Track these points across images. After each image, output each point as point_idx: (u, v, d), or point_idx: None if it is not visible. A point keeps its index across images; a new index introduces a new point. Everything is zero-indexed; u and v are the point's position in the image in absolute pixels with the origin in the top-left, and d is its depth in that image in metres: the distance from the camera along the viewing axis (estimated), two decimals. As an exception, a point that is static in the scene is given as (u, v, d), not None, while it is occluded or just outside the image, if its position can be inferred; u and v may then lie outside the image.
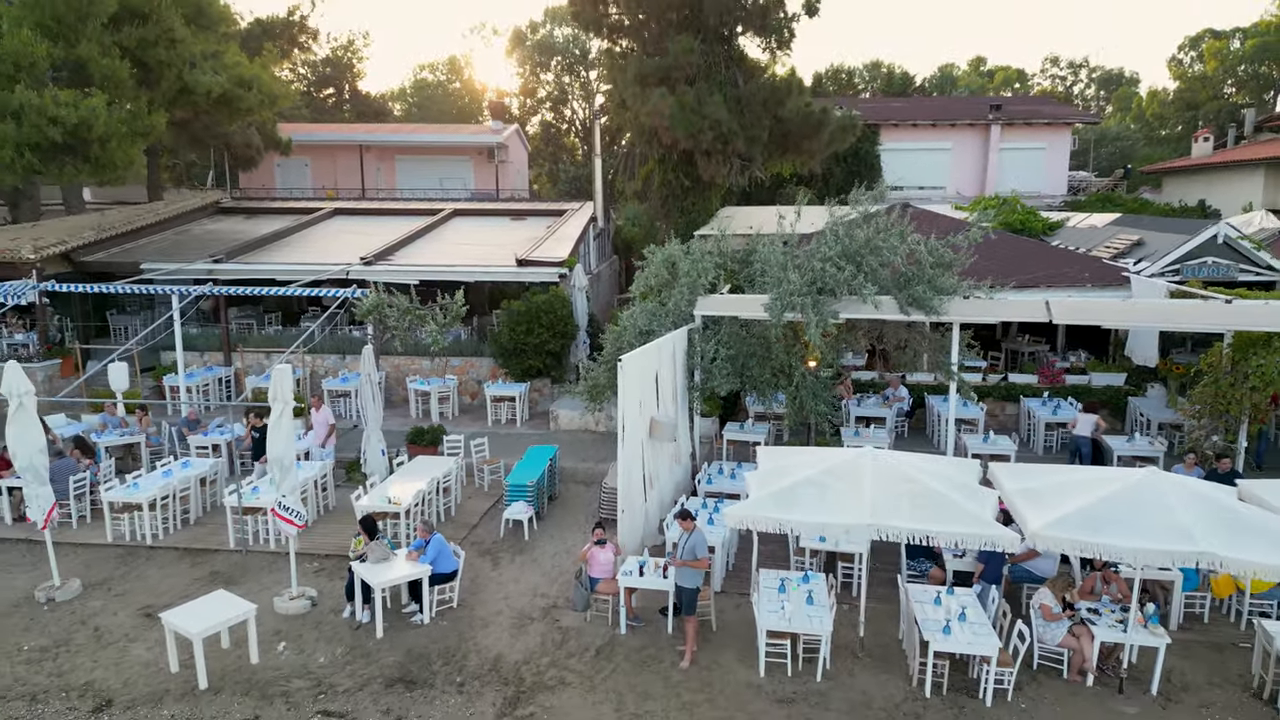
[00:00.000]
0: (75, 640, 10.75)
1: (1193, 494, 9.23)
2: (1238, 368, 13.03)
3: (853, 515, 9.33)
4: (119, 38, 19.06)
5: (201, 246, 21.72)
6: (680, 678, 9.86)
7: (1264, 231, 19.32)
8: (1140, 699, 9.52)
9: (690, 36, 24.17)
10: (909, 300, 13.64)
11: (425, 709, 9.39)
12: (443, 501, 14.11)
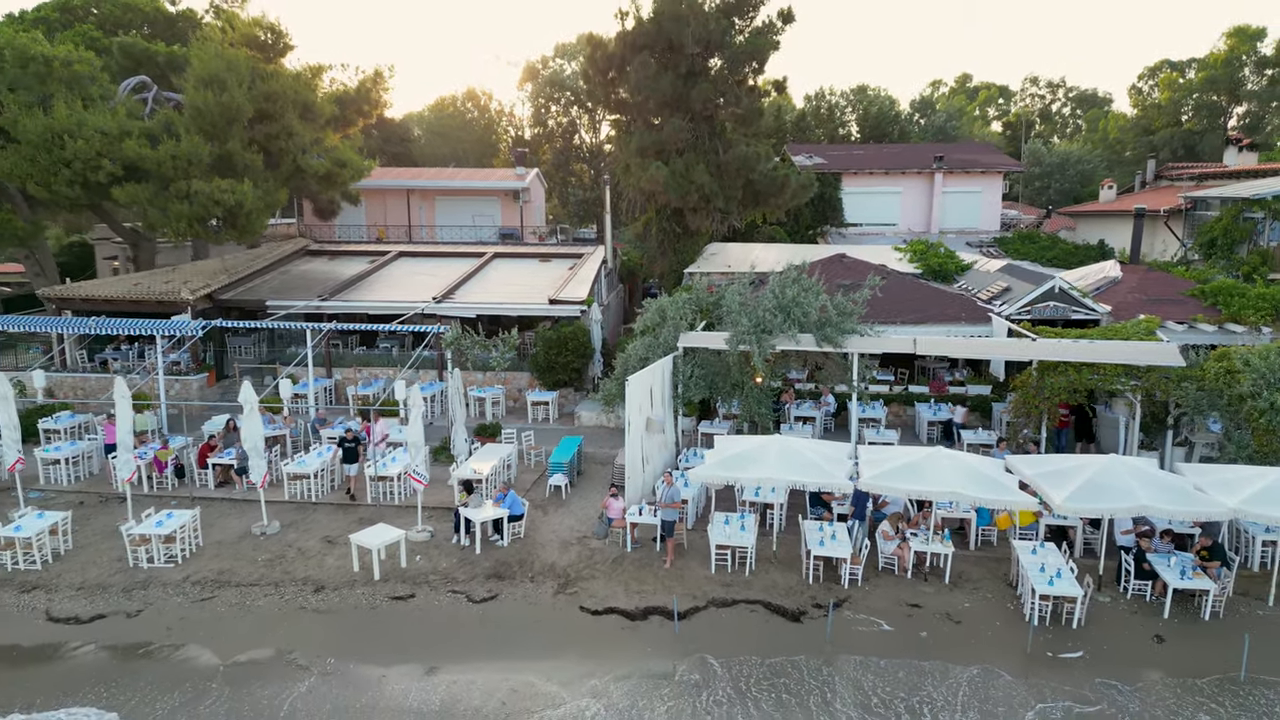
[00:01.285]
0: (288, 555, 17.04)
1: (970, 464, 15.52)
2: (1039, 385, 19.27)
3: (762, 473, 15.64)
4: (253, 134, 25.30)
5: (305, 286, 28.06)
6: (663, 573, 16.11)
7: (1105, 279, 25.38)
8: (938, 584, 15.77)
9: (681, 117, 30.44)
10: (822, 337, 19.87)
11: (511, 589, 15.67)
12: (505, 474, 20.38)
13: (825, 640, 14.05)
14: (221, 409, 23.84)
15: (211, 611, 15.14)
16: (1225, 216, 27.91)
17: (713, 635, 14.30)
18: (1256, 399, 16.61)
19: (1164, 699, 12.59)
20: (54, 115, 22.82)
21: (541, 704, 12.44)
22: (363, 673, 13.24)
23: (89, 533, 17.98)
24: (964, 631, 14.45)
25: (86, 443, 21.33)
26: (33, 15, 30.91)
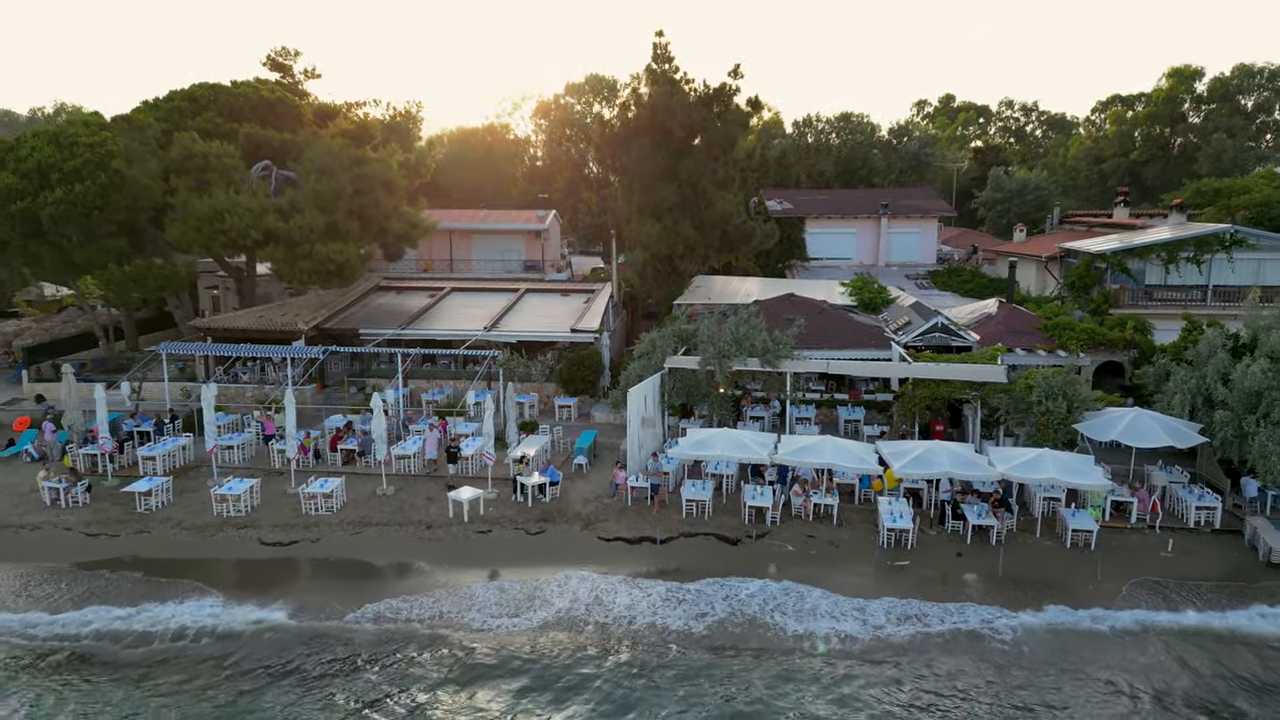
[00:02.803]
0: (404, 508, 25.40)
1: (847, 446, 23.88)
2: (912, 394, 27.57)
3: (714, 450, 24.05)
4: (352, 206, 33.67)
5: (386, 316, 36.49)
6: (652, 518, 24.44)
7: (983, 314, 33.52)
8: (831, 525, 24.10)
9: (670, 184, 38.74)
10: (764, 361, 28.16)
11: (554, 527, 24.02)
12: (545, 455, 28.71)
13: (752, 555, 22.43)
14: (332, 410, 32.24)
15: (362, 540, 23.53)
16: (1081, 265, 36.20)
17: (682, 553, 22.66)
18: (1040, 404, 24.94)
19: (948, 585, 20.96)
20: (214, 197, 31.24)
21: (571, 587, 20.84)
22: (463, 574, 21.66)
23: (267, 494, 26.35)
24: (840, 552, 22.77)
25: (245, 434, 29.74)
26: (166, 104, 39.34)
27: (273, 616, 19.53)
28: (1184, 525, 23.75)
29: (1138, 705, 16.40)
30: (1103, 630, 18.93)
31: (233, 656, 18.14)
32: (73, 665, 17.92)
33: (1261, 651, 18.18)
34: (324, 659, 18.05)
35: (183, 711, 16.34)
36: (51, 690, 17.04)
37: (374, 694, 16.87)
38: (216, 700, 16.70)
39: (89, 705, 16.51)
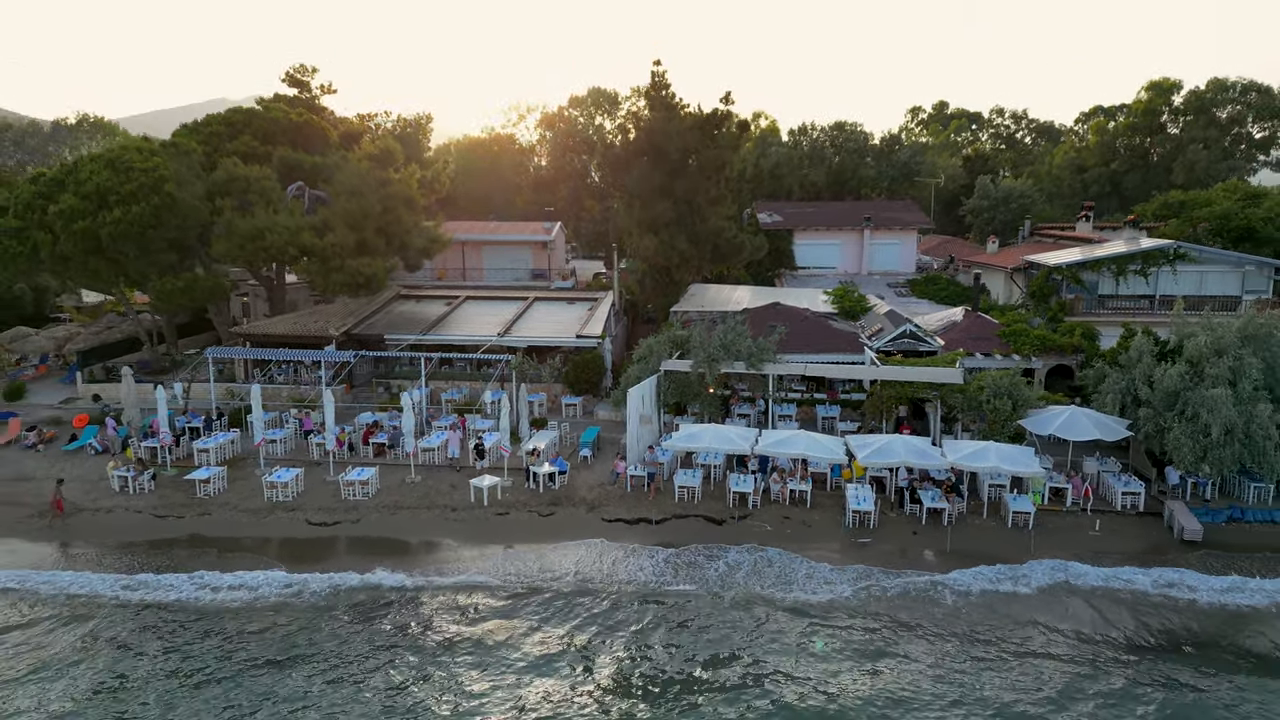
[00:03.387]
0: (431, 493, 28.74)
1: (819, 439, 27.22)
2: (880, 394, 30.88)
3: (702, 443, 27.40)
4: (379, 223, 37.00)
5: (407, 323, 39.84)
6: (648, 502, 27.76)
7: (950, 321, 36.78)
8: (805, 509, 27.43)
9: (667, 202, 42.05)
10: (750, 364, 31.47)
11: (562, 510, 27.35)
12: (554, 448, 32.04)
13: (735, 534, 25.77)
14: (362, 408, 35.58)
15: (396, 520, 26.89)
16: (1040, 277, 39.52)
17: (674, 532, 26.00)
18: (989, 403, 28.27)
19: (904, 558, 24.29)
20: (256, 217, 34.58)
21: (579, 556, 24.20)
22: (485, 549, 25.03)
23: (309, 482, 29.68)
24: (812, 531, 26.08)
25: (286, 430, 33.08)
26: (205, 129, 42.71)
27: (348, 580, 22.92)
28: (1112, 509, 27.08)
29: (1050, 639, 19.73)
30: (1028, 591, 22.28)
31: (291, 612, 21.51)
32: (171, 616, 21.28)
33: (1146, 606, 21.51)
34: (383, 611, 21.43)
35: (278, 646, 19.68)
36: (158, 636, 20.39)
37: (434, 630, 20.23)
38: (297, 641, 20.05)
39: (192, 649, 19.85)
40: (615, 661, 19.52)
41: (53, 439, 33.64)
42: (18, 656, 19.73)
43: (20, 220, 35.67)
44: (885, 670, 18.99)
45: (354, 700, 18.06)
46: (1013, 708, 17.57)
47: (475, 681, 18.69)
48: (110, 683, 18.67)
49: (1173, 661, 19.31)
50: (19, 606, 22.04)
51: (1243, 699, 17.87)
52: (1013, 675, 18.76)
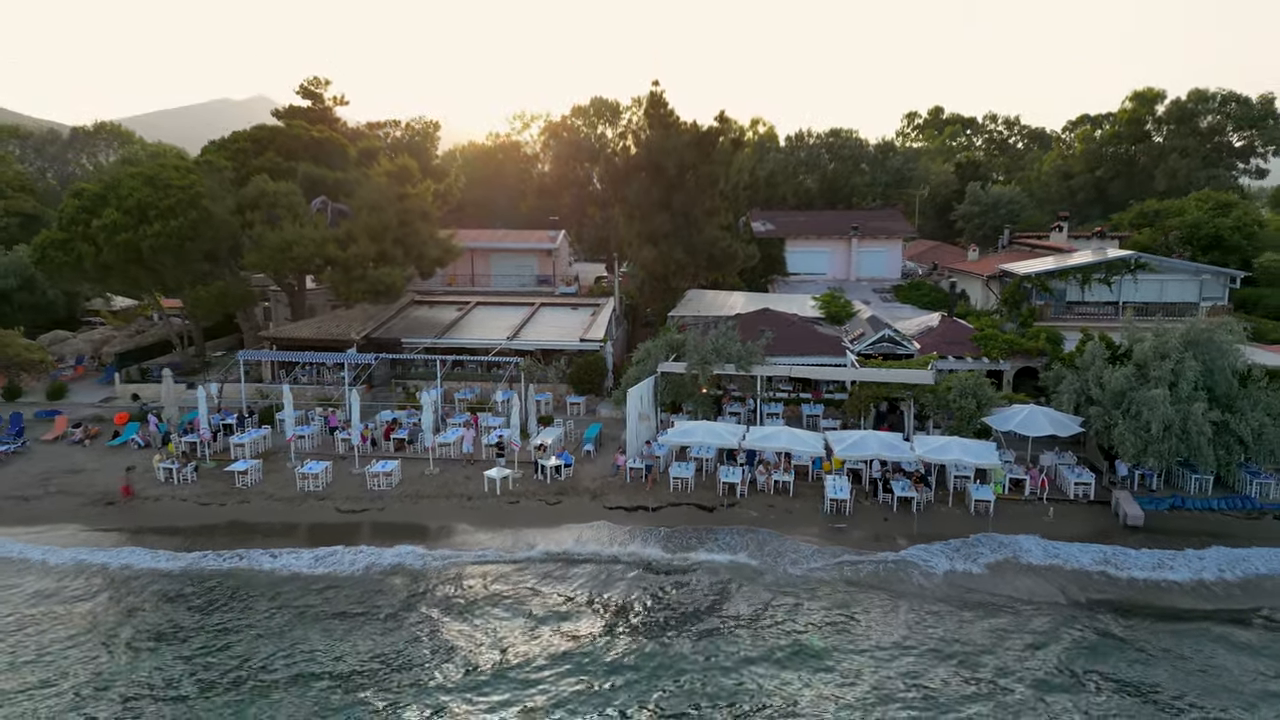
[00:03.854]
0: (448, 484, 31.46)
1: (800, 434, 29.92)
2: (859, 393, 33.58)
3: (695, 438, 30.13)
4: (397, 235, 39.71)
5: (423, 327, 42.55)
6: (646, 492, 30.45)
7: (927, 326, 39.45)
8: (786, 497, 30.14)
9: (665, 214, 44.77)
10: (739, 366, 34.17)
11: (568, 499, 30.06)
12: (560, 443, 34.74)
13: (724, 520, 28.48)
14: (381, 407, 38.30)
15: (417, 508, 29.60)
16: (1013, 285, 42.22)
17: (669, 518, 28.68)
18: (956, 402, 30.96)
19: (877, 541, 27.01)
20: (284, 229, 37.31)
21: (584, 538, 26.92)
22: (499, 532, 27.75)
23: (337, 474, 32.38)
24: (794, 517, 28.76)
25: (313, 426, 35.80)
26: (232, 145, 45.45)
27: (382, 556, 25.66)
28: (1066, 498, 29.77)
29: (997, 602, 22.44)
30: (979, 570, 25.00)
31: (340, 581, 24.25)
32: (228, 586, 24.01)
33: (1084, 578, 24.22)
34: (412, 580, 24.17)
35: (336, 605, 22.41)
36: (235, 598, 23.12)
37: (459, 594, 22.96)
38: (351, 601, 22.79)
39: (263, 608, 22.58)
40: (614, 615, 22.23)
41: (97, 435, 36.38)
42: (115, 615, 22.49)
43: (65, 233, 38.40)
44: (852, 626, 21.68)
45: (405, 644, 20.81)
46: (958, 654, 20.26)
47: (496, 632, 21.41)
48: (194, 633, 21.40)
49: (1100, 618, 21.99)
50: (91, 579, 24.80)
51: (1158, 644, 20.56)
52: (960, 629, 21.44)
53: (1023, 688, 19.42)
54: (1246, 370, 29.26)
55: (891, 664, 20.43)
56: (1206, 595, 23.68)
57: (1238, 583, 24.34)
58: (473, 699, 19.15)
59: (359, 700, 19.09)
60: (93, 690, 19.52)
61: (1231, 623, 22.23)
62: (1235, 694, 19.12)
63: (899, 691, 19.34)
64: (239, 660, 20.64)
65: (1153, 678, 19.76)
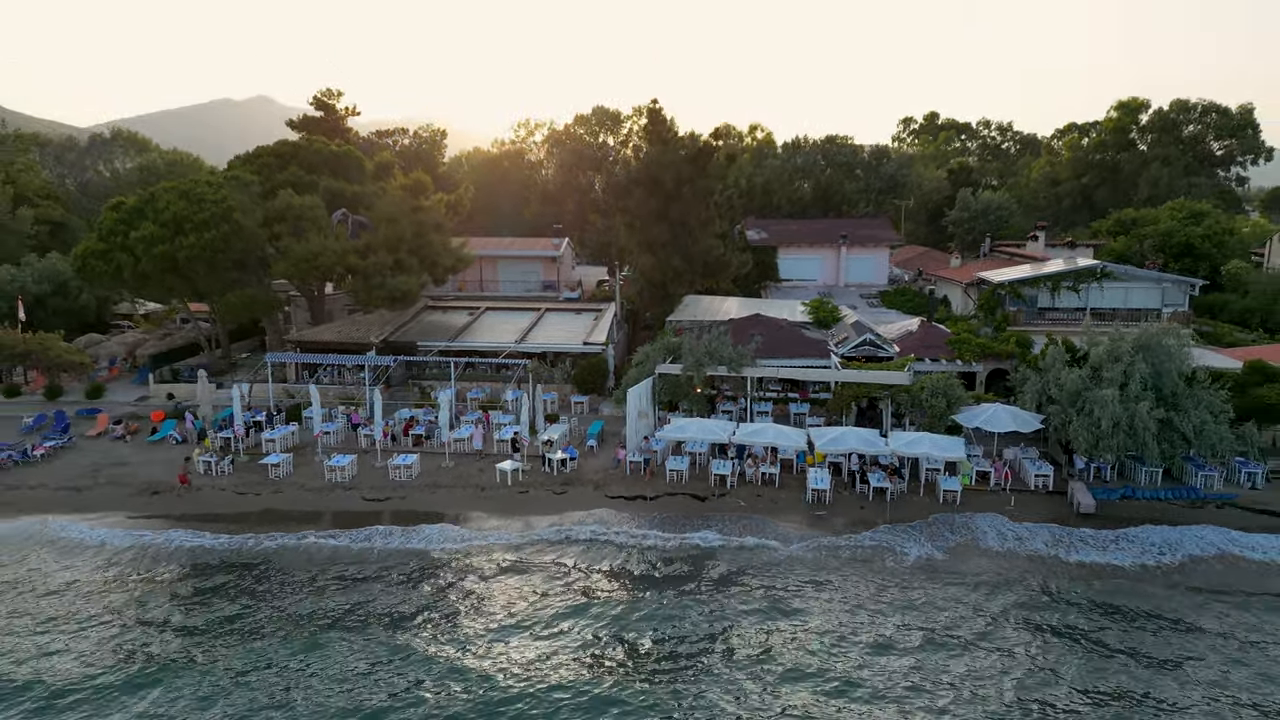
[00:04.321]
0: (463, 475, 34.20)
1: (785, 430, 32.69)
2: (841, 393, 36.32)
3: (689, 434, 32.92)
4: (413, 245, 42.49)
5: (436, 331, 45.30)
6: (644, 482, 33.20)
7: (906, 331, 42.14)
8: (772, 488, 32.88)
9: (663, 225, 47.55)
10: (731, 368, 36.90)
11: (573, 489, 32.81)
12: (566, 439, 37.48)
13: (715, 509, 31.23)
14: (399, 405, 41.06)
15: (436, 497, 32.36)
16: (988, 292, 44.97)
17: (665, 506, 31.41)
18: (928, 401, 33.69)
19: (855, 528, 29.76)
20: (309, 241, 40.08)
21: (588, 522, 29.69)
22: (511, 519, 30.52)
23: (361, 467, 35.13)
24: (779, 505, 31.48)
25: (337, 423, 38.56)
26: (257, 160, 48.23)
27: (409, 539, 28.43)
28: (1028, 488, 32.51)
29: (955, 578, 25.19)
30: (938, 555, 27.75)
31: (370, 557, 27.03)
32: (273, 561, 26.78)
33: (1036, 559, 26.97)
34: (434, 559, 26.95)
35: (367, 573, 25.18)
36: (269, 573, 25.90)
37: (475, 569, 25.73)
38: (369, 586, 25.55)
39: (307, 579, 25.35)
40: (613, 582, 24.98)
41: (136, 431, 39.20)
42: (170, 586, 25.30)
43: (105, 243, 41.20)
44: (824, 591, 24.44)
45: (433, 602, 23.59)
46: (917, 612, 23.01)
47: (508, 593, 24.17)
48: (252, 594, 24.17)
49: (1050, 585, 24.75)
50: (148, 556, 27.58)
51: (1094, 607, 23.32)
52: (921, 595, 24.19)
53: (969, 634, 22.21)
54: (1192, 372, 31.95)
55: (854, 617, 23.29)
56: (1144, 574, 26.40)
57: (1174, 562, 27.06)
58: (490, 641, 22.00)
59: (399, 642, 22.30)
60: (172, 633, 22.34)
61: (1155, 585, 24.99)
62: (1154, 636, 21.87)
63: (858, 636, 22.25)
64: (295, 613, 23.45)
65: (1076, 622, 22.53)
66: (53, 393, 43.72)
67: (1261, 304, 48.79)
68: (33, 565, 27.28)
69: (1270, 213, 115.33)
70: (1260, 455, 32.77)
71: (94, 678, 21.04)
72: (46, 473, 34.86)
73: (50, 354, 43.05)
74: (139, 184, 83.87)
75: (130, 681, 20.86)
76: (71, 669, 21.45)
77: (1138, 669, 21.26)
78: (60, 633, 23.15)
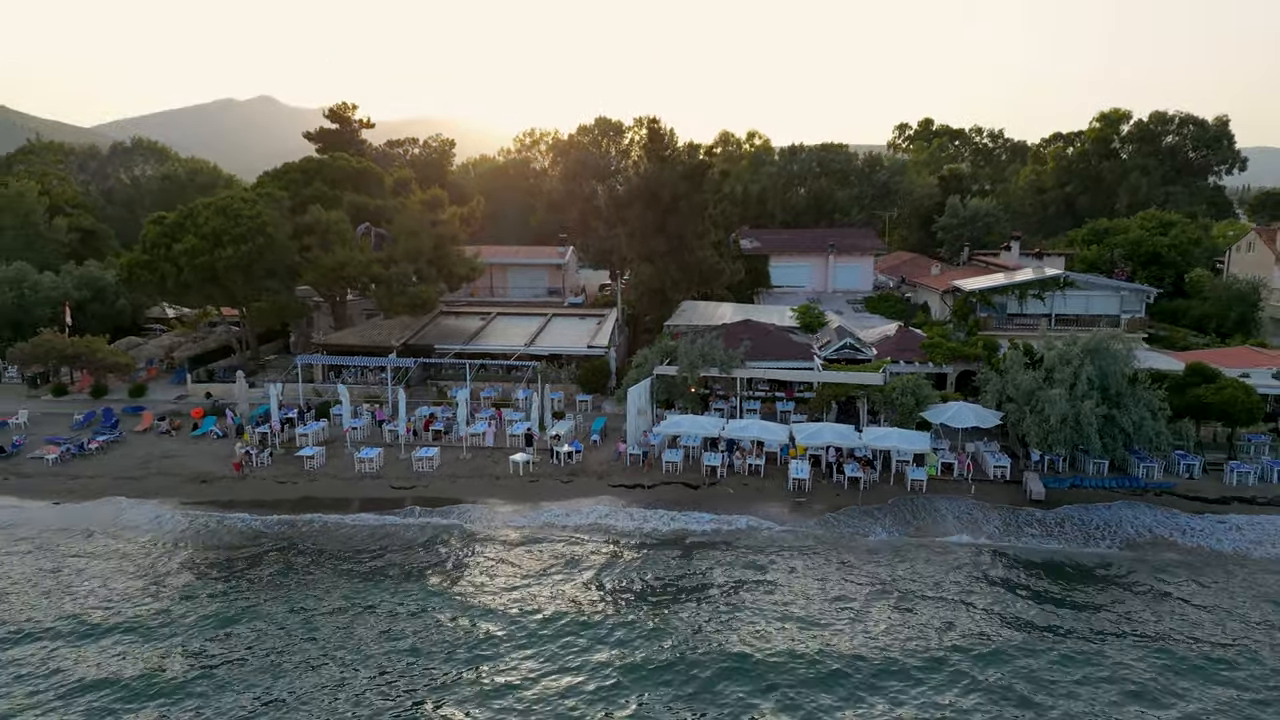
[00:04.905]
0: (479, 466, 37.73)
1: (769, 425, 36.23)
2: (821, 391, 39.82)
3: (684, 429, 36.49)
4: (431, 256, 46.04)
5: (452, 334, 48.84)
6: (642, 473, 36.73)
7: (884, 335, 45.63)
8: (758, 477, 36.40)
9: (661, 236, 51.06)
10: (722, 369, 40.41)
11: (579, 479, 36.32)
12: (572, 433, 41.00)
13: (706, 496, 34.76)
14: (418, 404, 44.60)
15: (455, 485, 35.87)
16: (960, 299, 48.49)
17: (661, 494, 34.94)
18: (899, 399, 37.20)
19: (831, 511, 33.29)
20: (336, 253, 43.67)
21: (592, 507, 33.25)
22: (523, 504, 34.08)
23: (387, 459, 38.64)
24: (763, 493, 34.93)
25: (363, 419, 42.09)
26: (284, 175, 51.83)
27: (432, 520, 32.01)
28: (988, 478, 36.01)
29: (912, 553, 28.71)
30: (902, 535, 31.27)
31: (398, 535, 30.59)
32: (316, 537, 30.34)
33: (985, 538, 30.49)
34: (456, 539, 30.52)
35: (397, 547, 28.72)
36: (317, 547, 29.44)
37: (492, 547, 29.27)
38: (417, 554, 29.11)
39: (348, 552, 28.92)
40: (614, 558, 28.52)
41: (179, 427, 42.76)
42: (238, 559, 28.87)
43: (149, 255, 44.80)
44: (800, 561, 27.97)
45: (450, 572, 27.16)
46: (882, 580, 26.53)
47: (520, 562, 27.71)
48: (302, 561, 27.72)
49: (999, 560, 28.28)
50: (205, 533, 31.15)
51: (1031, 575, 26.84)
52: (886, 567, 27.71)
53: (921, 592, 25.76)
54: (1134, 373, 35.42)
55: (825, 583, 26.86)
56: (1081, 551, 29.93)
57: (1111, 542, 30.59)
58: (502, 601, 25.54)
59: (431, 591, 26.43)
60: (247, 584, 25.94)
61: (1090, 560, 28.53)
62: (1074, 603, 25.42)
63: (827, 597, 25.76)
64: (348, 570, 27.04)
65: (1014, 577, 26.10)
66: (98, 391, 47.30)
67: (1217, 310, 52.26)
68: (117, 537, 30.99)
69: (1258, 215, 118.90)
70: (1198, 448, 36.32)
71: (207, 613, 24.78)
72: (102, 464, 38.42)
73: (97, 356, 46.62)
74: (160, 192, 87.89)
75: (220, 616, 25.29)
76: (182, 609, 25.22)
77: (1060, 612, 24.86)
78: (155, 585, 27.02)
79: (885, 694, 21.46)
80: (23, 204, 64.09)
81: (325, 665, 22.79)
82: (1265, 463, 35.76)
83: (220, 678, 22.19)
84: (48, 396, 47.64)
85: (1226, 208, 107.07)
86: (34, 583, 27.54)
